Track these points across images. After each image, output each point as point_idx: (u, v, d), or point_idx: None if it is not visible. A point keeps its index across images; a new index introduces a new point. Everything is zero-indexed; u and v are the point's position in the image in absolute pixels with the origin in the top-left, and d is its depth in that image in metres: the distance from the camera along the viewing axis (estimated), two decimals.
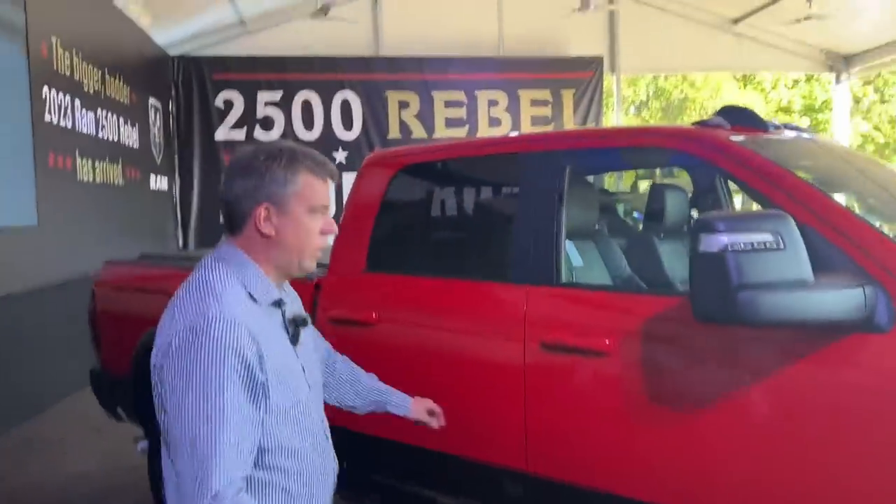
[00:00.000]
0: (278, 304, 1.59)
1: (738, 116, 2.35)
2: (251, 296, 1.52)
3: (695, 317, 1.79)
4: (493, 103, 10.29)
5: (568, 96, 10.48)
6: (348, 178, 10.16)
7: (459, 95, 10.20)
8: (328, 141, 9.62)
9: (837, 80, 11.75)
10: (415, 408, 2.07)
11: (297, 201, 1.55)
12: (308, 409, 1.60)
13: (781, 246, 1.71)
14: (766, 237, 1.71)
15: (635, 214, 3.41)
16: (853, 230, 1.86)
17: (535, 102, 10.41)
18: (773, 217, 1.74)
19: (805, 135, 2.64)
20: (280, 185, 1.53)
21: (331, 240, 1.83)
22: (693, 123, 2.43)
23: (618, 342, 2.15)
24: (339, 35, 9.77)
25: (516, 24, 10.20)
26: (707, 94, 19.74)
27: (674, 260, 3.09)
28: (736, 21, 10.88)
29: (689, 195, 3.25)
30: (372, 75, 9.95)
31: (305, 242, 1.58)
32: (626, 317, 2.19)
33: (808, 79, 18.33)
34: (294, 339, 1.61)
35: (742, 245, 1.70)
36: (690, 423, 2.01)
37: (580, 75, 10.49)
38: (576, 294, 2.38)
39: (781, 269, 1.70)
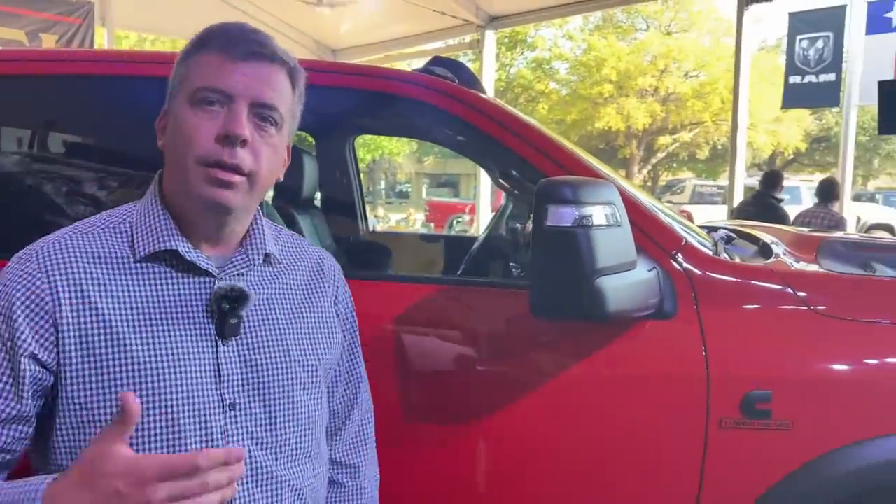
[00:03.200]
0: (190, 267, 1.02)
1: (458, 72, 2.00)
2: (131, 245, 1.03)
3: (532, 312, 1.39)
4: None
5: (49, 42, 8.70)
6: None
7: None
8: None
9: None
10: None
11: (181, 90, 1.03)
12: (200, 435, 0.99)
13: (618, 221, 1.43)
14: (607, 210, 1.41)
15: None
16: (631, 209, 1.70)
17: (4, 44, 8.36)
18: (606, 186, 1.45)
19: None
20: (175, 75, 1.06)
21: (246, 160, 1.00)
22: (415, 71, 2.00)
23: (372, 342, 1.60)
24: None
25: None
26: None
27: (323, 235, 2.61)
28: None
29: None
30: None
31: (184, 151, 1.00)
32: (376, 310, 1.65)
33: None
34: (221, 328, 1.01)
35: (593, 220, 1.37)
36: (471, 438, 1.61)
37: (66, 19, 8.82)
38: None
39: (618, 251, 1.43)
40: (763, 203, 6.20)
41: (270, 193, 2.81)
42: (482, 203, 10.71)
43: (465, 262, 2.53)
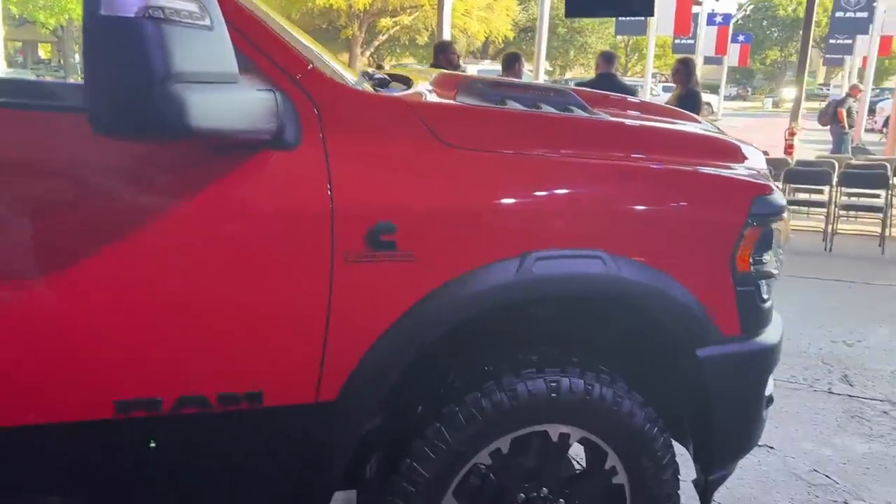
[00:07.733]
0: None
1: None
2: None
3: (93, 127, 1.13)
4: None
5: None
6: None
7: None
8: None
9: None
10: None
11: None
12: None
13: (209, 23, 1.22)
14: (191, 6, 1.19)
15: None
16: (247, 23, 1.49)
17: None
18: None
19: None
20: None
21: None
22: None
23: None
24: None
25: None
26: None
27: None
28: None
29: None
30: None
31: None
32: None
33: None
34: None
35: (164, 11, 1.13)
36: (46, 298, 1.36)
37: None
38: None
39: (208, 57, 1.22)
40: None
41: None
42: None
43: None
